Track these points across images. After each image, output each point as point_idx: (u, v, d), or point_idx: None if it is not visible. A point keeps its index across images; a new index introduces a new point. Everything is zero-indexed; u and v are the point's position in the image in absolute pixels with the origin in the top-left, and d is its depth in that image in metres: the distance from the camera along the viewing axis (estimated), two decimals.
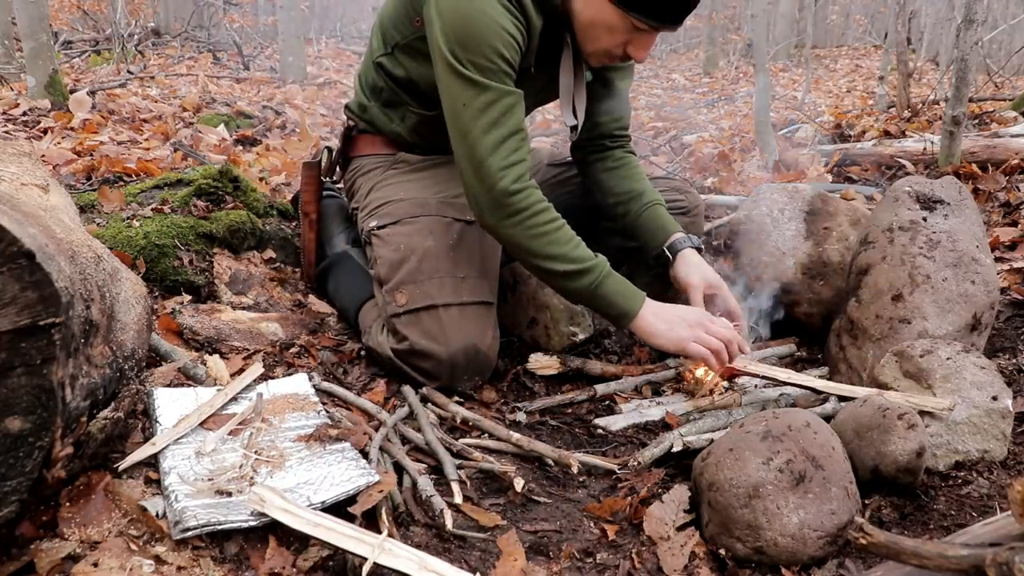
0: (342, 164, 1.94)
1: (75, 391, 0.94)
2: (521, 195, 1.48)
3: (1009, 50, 8.59)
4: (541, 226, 1.50)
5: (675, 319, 1.52)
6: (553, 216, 1.52)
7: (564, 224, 1.53)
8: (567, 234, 1.52)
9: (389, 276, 1.65)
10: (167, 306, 1.67)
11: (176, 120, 4.08)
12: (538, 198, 1.51)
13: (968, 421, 1.40)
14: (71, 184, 2.36)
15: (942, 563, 0.88)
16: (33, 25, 4.08)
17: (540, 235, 1.50)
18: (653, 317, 1.52)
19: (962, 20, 3.11)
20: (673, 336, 1.51)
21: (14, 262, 0.82)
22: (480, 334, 1.61)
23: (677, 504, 1.26)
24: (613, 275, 1.53)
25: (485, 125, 1.46)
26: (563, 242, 1.51)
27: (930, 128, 4.26)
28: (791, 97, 7.24)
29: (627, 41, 1.50)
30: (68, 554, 0.94)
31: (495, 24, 1.42)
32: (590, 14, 1.47)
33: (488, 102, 1.45)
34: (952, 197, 1.76)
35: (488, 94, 1.45)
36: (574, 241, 1.52)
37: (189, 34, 10.35)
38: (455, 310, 1.60)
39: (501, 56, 1.45)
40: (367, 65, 1.78)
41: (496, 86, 1.45)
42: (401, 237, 1.68)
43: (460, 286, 1.62)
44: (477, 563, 1.13)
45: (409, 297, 1.61)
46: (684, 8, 1.45)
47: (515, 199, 1.48)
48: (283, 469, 1.18)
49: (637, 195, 1.81)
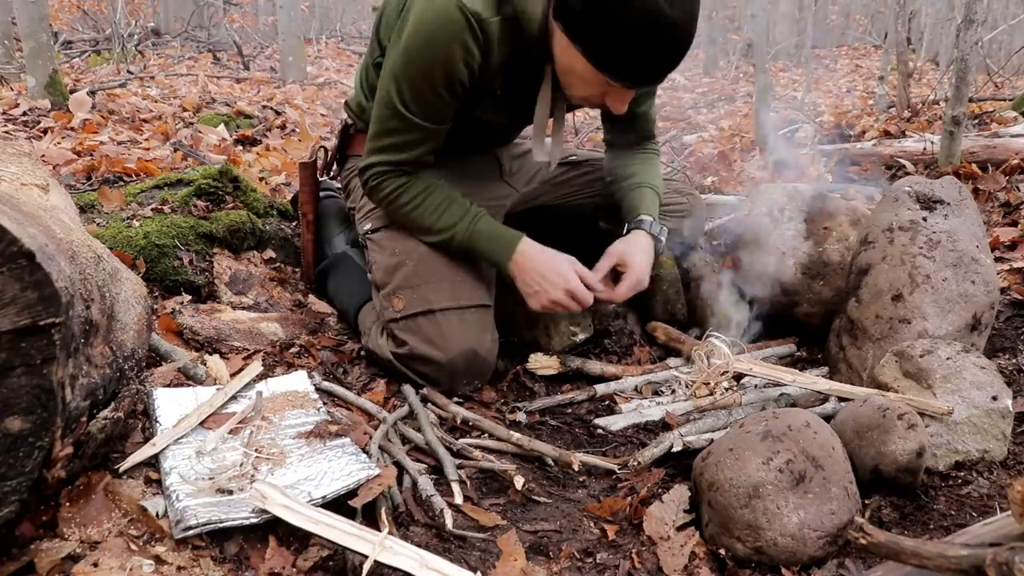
0: (339, 161, 1.94)
1: (75, 391, 0.94)
2: (379, 180, 1.61)
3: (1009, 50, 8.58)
4: (404, 205, 1.62)
5: (537, 277, 1.59)
6: (414, 193, 1.61)
7: (427, 196, 1.61)
8: (430, 205, 1.61)
9: (385, 281, 1.65)
10: (167, 306, 1.67)
11: (176, 120, 4.08)
12: (395, 185, 1.61)
13: (968, 421, 1.40)
14: (71, 184, 2.36)
15: (942, 563, 0.88)
16: (33, 25, 4.08)
17: (406, 215, 1.64)
18: (519, 272, 1.61)
19: (962, 20, 3.12)
20: (529, 293, 1.62)
21: (14, 262, 0.82)
22: (479, 338, 1.61)
23: (677, 504, 1.26)
24: (479, 236, 1.60)
25: (381, 144, 1.58)
26: (426, 215, 1.62)
27: (930, 128, 4.25)
28: (791, 97, 7.24)
29: (604, 93, 1.45)
30: (68, 554, 0.94)
31: (447, 60, 1.43)
32: (566, 62, 1.42)
33: (392, 129, 1.55)
34: (952, 197, 1.76)
35: (395, 122, 1.54)
36: (439, 210, 1.61)
37: (189, 34, 10.35)
38: (453, 315, 1.60)
39: (438, 96, 1.49)
40: (366, 65, 1.79)
41: (409, 119, 1.52)
42: (396, 241, 1.68)
43: (457, 290, 1.62)
44: (477, 563, 1.12)
45: (406, 302, 1.61)
46: (656, 72, 1.39)
47: (372, 183, 1.63)
48: (284, 466, 1.18)
49: (632, 175, 1.82)
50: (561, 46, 1.40)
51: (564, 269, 1.58)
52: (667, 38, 1.31)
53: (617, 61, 1.34)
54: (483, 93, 1.55)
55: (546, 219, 1.95)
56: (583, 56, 1.36)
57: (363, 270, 1.88)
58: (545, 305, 1.60)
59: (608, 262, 1.67)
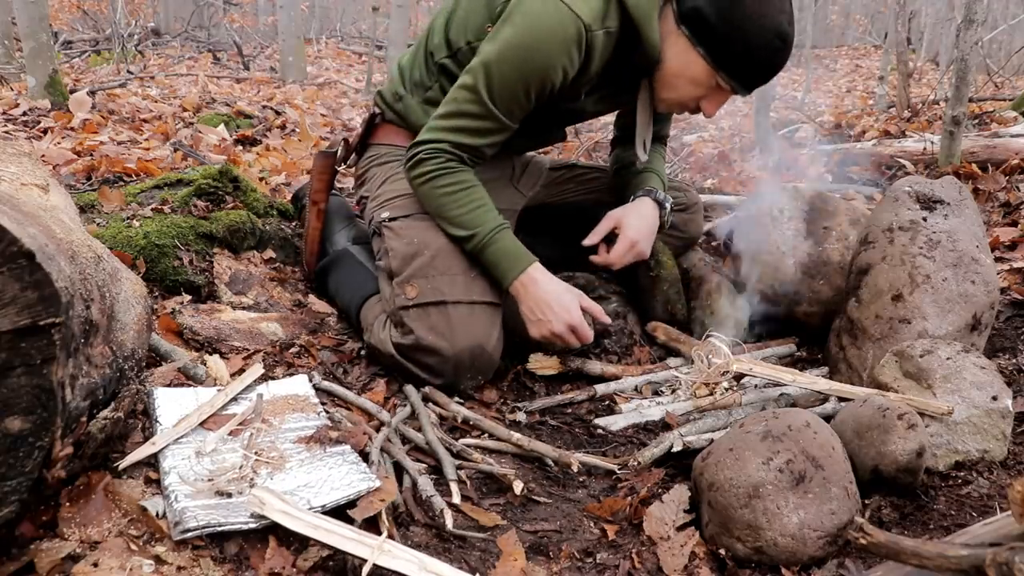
0: (359, 150, 1.92)
1: (75, 391, 0.94)
2: (431, 156, 1.59)
3: (1009, 50, 8.59)
4: (441, 187, 1.60)
5: (542, 306, 1.60)
6: (456, 180, 1.60)
7: (465, 189, 1.60)
8: (464, 198, 1.60)
9: (401, 269, 1.65)
10: (167, 306, 1.67)
11: (176, 120, 4.08)
12: (439, 166, 1.59)
13: (968, 421, 1.40)
14: (71, 184, 2.36)
15: (942, 563, 0.88)
16: (33, 25, 4.08)
17: (437, 197, 1.62)
18: (525, 296, 1.62)
19: (962, 20, 3.11)
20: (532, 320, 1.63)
21: (14, 262, 0.82)
22: (486, 334, 1.62)
23: (677, 504, 1.26)
24: (495, 246, 1.60)
25: (451, 125, 1.57)
26: (456, 207, 1.60)
27: (930, 128, 4.25)
28: (791, 97, 7.23)
29: (704, 96, 1.57)
30: (68, 554, 0.94)
31: (548, 67, 1.47)
32: (678, 64, 1.53)
33: (468, 112, 1.55)
34: (952, 197, 1.76)
35: (475, 107, 1.54)
36: (470, 207, 1.60)
37: (189, 34, 10.36)
38: (464, 308, 1.60)
39: (527, 96, 1.52)
40: (416, 58, 1.77)
41: (490, 109, 1.53)
42: (415, 231, 1.68)
43: (471, 285, 1.63)
44: (477, 563, 1.13)
45: (420, 291, 1.61)
46: (767, 76, 1.53)
47: (423, 156, 1.60)
48: (283, 471, 1.18)
49: (635, 161, 1.87)
50: (678, 49, 1.52)
51: (569, 302, 1.60)
52: (783, 54, 1.50)
53: (740, 66, 1.50)
54: (565, 99, 1.60)
55: (543, 216, 1.97)
56: (705, 59, 1.50)
57: (365, 267, 1.88)
58: (545, 336, 1.63)
59: (607, 224, 1.74)
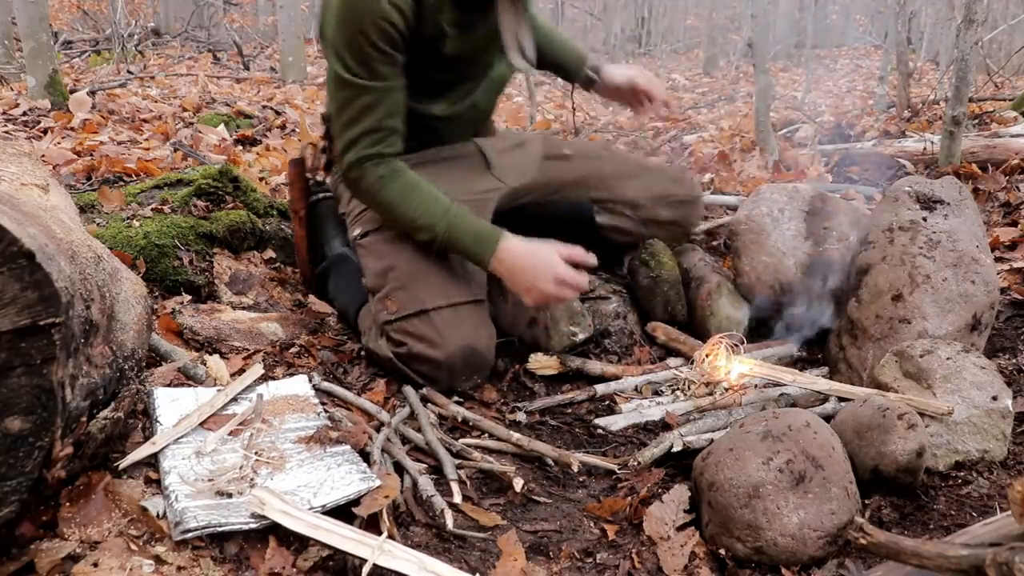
0: (326, 166, 1.92)
1: (75, 391, 0.94)
2: (360, 175, 1.60)
3: (1009, 50, 8.58)
4: (384, 202, 1.61)
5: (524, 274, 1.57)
6: (394, 191, 1.59)
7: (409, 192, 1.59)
8: (412, 201, 1.60)
9: (378, 285, 1.66)
10: (167, 306, 1.67)
11: (176, 120, 4.08)
12: (375, 177, 1.59)
13: (968, 421, 1.40)
14: (71, 184, 2.36)
15: (942, 563, 0.88)
16: (33, 25, 4.08)
17: (389, 209, 1.63)
18: (507, 271, 1.58)
19: (962, 20, 3.11)
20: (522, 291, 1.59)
21: (14, 262, 0.82)
22: (475, 334, 1.61)
23: (677, 504, 1.26)
24: (457, 232, 1.58)
25: (343, 122, 1.58)
26: (408, 211, 1.60)
27: (930, 128, 4.25)
28: (791, 97, 7.23)
29: None
30: (68, 554, 0.94)
31: (374, 9, 1.46)
32: None
33: (346, 99, 1.55)
34: (952, 197, 1.76)
35: (347, 91, 1.54)
36: (420, 207, 1.59)
37: (189, 34, 10.35)
38: (447, 312, 1.60)
39: (375, 47, 1.49)
40: None
41: (356, 83, 1.52)
42: (382, 245, 1.68)
43: (448, 287, 1.62)
44: (477, 563, 1.13)
45: (399, 304, 1.61)
46: None
47: (353, 179, 1.62)
48: (283, 471, 1.18)
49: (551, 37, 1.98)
50: None
51: (548, 258, 1.55)
52: None
53: None
54: (435, 37, 1.57)
55: (541, 219, 1.94)
56: None
57: (360, 272, 1.88)
58: (541, 301, 1.58)
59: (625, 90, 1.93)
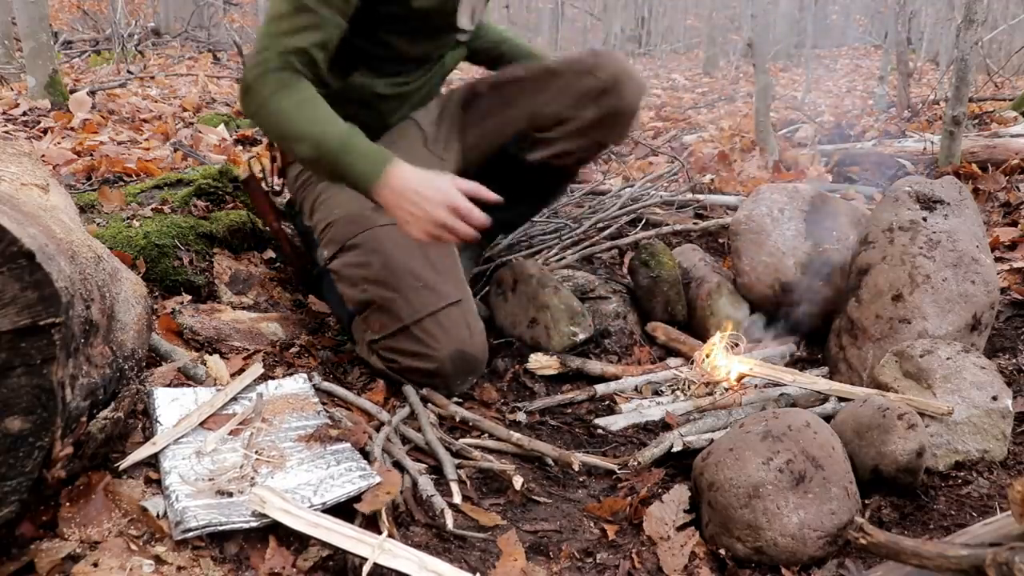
0: (280, 173, 1.83)
1: (75, 391, 0.95)
2: (260, 80, 1.42)
3: (1009, 50, 8.58)
4: (277, 109, 1.43)
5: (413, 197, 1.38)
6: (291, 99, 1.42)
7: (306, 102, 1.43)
8: (308, 110, 1.43)
9: (357, 309, 1.63)
10: (167, 306, 1.67)
11: (176, 120, 4.08)
12: (276, 83, 1.42)
13: (968, 421, 1.40)
14: (71, 184, 2.36)
15: (942, 563, 0.88)
16: (33, 25, 4.08)
17: (278, 114, 1.43)
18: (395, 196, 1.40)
19: (962, 20, 3.11)
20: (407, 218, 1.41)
21: (14, 262, 0.82)
22: (460, 337, 1.56)
23: (677, 504, 1.26)
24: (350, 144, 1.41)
25: (273, 31, 1.42)
26: (301, 120, 1.42)
27: (930, 128, 4.26)
28: (791, 97, 7.23)
29: None
30: (68, 554, 0.94)
31: None
32: None
33: (288, 12, 1.41)
34: (952, 197, 1.76)
35: (286, 5, 1.41)
36: (314, 118, 1.42)
37: (189, 34, 10.34)
38: (428, 322, 1.55)
39: None
40: None
41: (303, 3, 1.40)
42: (351, 268, 1.62)
43: (424, 296, 1.55)
44: (477, 563, 1.13)
45: (380, 324, 1.58)
46: None
47: (250, 80, 1.43)
48: (283, 470, 1.18)
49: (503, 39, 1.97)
50: None
51: (442, 183, 1.39)
52: None
53: None
54: None
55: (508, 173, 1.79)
56: None
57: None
58: (428, 230, 1.38)
59: None
